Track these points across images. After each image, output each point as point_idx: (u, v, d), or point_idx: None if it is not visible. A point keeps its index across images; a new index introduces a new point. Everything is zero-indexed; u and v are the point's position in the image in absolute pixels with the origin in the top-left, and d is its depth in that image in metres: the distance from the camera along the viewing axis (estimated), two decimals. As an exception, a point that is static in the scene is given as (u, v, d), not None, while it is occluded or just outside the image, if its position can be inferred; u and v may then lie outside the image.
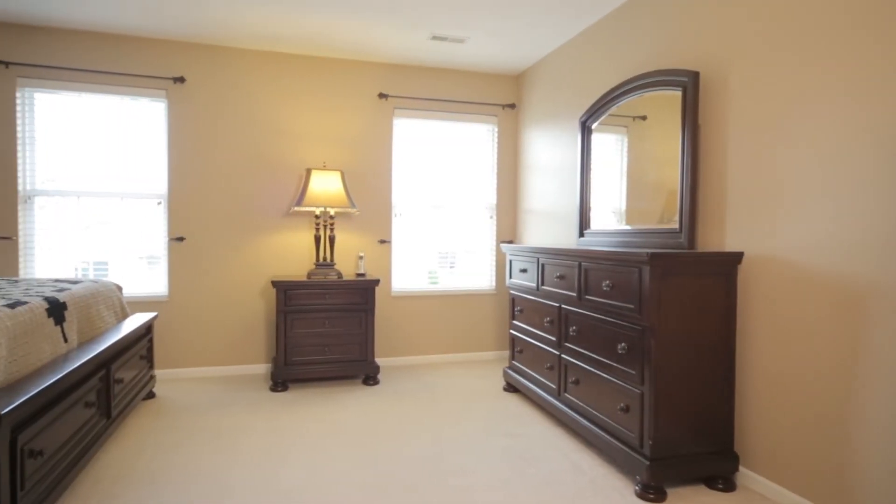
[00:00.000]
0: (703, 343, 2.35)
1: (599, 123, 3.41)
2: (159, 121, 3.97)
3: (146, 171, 3.95)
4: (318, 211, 4.01)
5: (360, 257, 4.13)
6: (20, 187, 3.70)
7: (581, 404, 2.80)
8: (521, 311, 3.56)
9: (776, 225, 2.25)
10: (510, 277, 3.71)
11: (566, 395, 2.96)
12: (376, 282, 3.89)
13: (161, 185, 3.97)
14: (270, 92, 4.16)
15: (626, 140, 3.18)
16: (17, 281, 3.00)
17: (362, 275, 4.07)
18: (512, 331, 3.69)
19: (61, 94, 3.77)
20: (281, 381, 3.73)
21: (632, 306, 2.36)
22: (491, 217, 4.77)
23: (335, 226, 4.21)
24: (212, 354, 4.10)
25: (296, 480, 2.41)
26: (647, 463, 2.26)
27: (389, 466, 2.56)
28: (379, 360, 4.48)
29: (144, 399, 3.50)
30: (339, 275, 3.93)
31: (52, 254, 3.81)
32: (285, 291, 3.72)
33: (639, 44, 3.14)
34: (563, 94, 3.98)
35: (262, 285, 4.20)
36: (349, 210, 3.99)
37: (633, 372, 2.37)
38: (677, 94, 2.70)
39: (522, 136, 4.67)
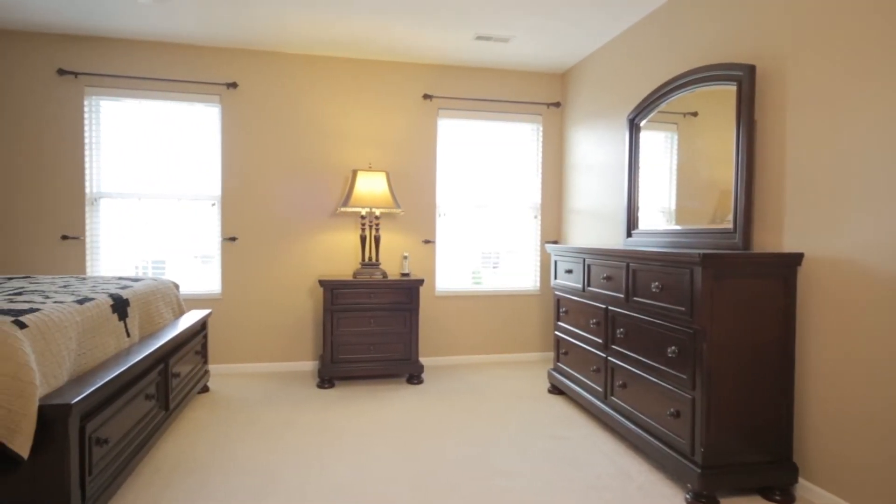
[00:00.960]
0: (759, 347, 2.26)
1: (648, 121, 3.33)
2: (214, 125, 4.12)
3: (202, 173, 4.11)
4: (363, 211, 4.07)
5: (405, 257, 4.17)
6: (87, 190, 3.92)
7: (628, 408, 2.74)
8: (566, 312, 3.52)
9: (841, 225, 2.14)
10: (555, 278, 3.67)
11: (613, 398, 2.90)
12: (420, 281, 3.92)
13: (215, 187, 4.13)
14: (318, 95, 4.26)
15: (675, 137, 3.09)
16: (84, 278, 3.18)
17: (407, 274, 4.11)
18: (557, 332, 3.65)
19: (124, 101, 3.97)
20: (328, 378, 3.81)
21: (682, 309, 2.29)
22: (535, 217, 4.73)
23: (380, 226, 4.26)
24: (262, 351, 4.23)
25: (342, 475, 2.46)
26: (699, 471, 2.19)
27: (433, 465, 2.58)
28: (423, 360, 4.51)
29: (199, 393, 3.64)
30: (384, 274, 3.98)
31: (115, 253, 4.02)
32: (332, 290, 3.79)
33: (689, 39, 3.05)
34: (610, 92, 3.90)
35: (310, 284, 4.30)
36: (394, 210, 4.04)
37: (684, 376, 2.30)
38: (731, 88, 2.60)
39: (567, 135, 4.61)
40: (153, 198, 4.03)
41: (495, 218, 4.64)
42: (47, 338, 1.94)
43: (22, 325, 1.86)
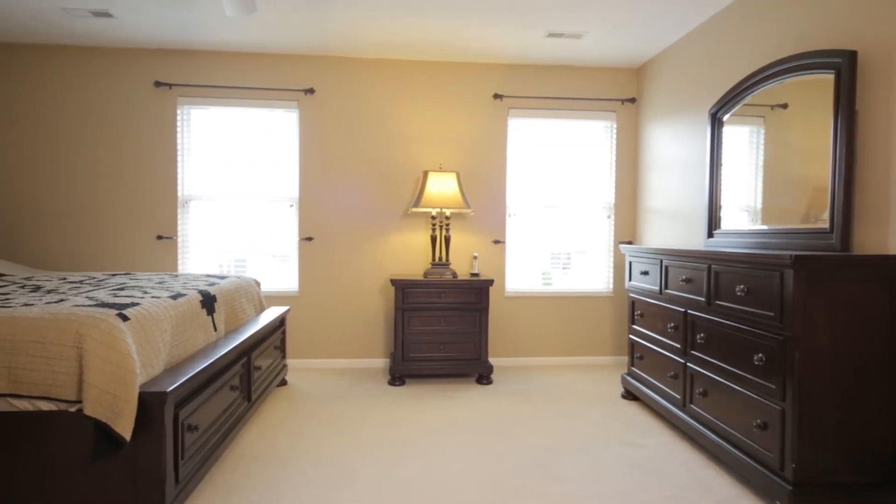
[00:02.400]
0: (862, 359, 2.08)
1: (731, 115, 3.15)
2: (292, 129, 4.31)
3: (281, 176, 4.30)
4: (434, 212, 4.11)
5: (475, 257, 4.18)
6: (179, 193, 4.21)
7: (709, 417, 2.60)
8: (641, 315, 3.40)
9: (957, 224, 1.93)
10: (629, 280, 3.55)
11: (692, 406, 2.77)
12: (490, 282, 3.91)
13: (293, 188, 4.31)
14: (390, 98, 4.35)
15: (761, 131, 2.90)
16: (177, 275, 3.41)
17: (476, 275, 4.11)
18: (631, 336, 3.53)
19: (211, 108, 4.23)
20: (399, 375, 3.88)
21: (771, 314, 2.15)
22: (608, 217, 4.59)
23: (450, 226, 4.30)
24: (336, 347, 4.37)
25: (413, 471, 2.50)
26: (790, 488, 2.04)
27: (503, 466, 2.56)
28: (491, 360, 4.50)
29: (278, 386, 3.81)
30: (454, 274, 4.00)
31: (202, 251, 4.28)
32: (403, 289, 3.86)
33: (776, 26, 2.85)
34: (690, 86, 3.73)
35: (382, 283, 4.40)
36: (464, 211, 4.06)
37: (773, 386, 2.16)
38: (828, 77, 2.41)
39: (643, 132, 4.45)
40: (236, 200, 4.27)
41: (566, 218, 4.55)
42: (146, 330, 2.10)
43: (125, 318, 2.02)
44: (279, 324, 3.75)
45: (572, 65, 4.46)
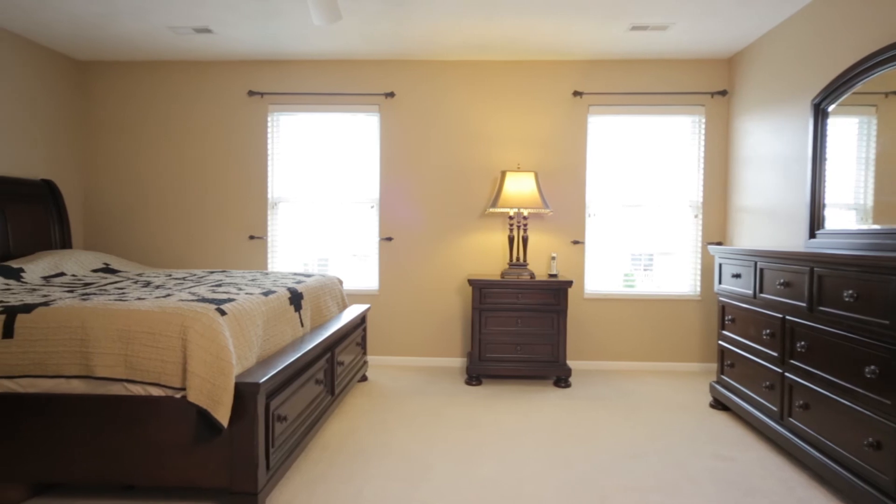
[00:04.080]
0: None
1: (838, 105, 2.90)
2: (373, 133, 4.44)
3: (362, 178, 4.45)
4: (511, 212, 4.09)
5: (553, 258, 4.11)
6: (269, 195, 4.46)
7: (811, 432, 2.41)
8: (732, 320, 3.20)
9: None
10: (719, 283, 3.36)
11: (791, 419, 2.57)
12: (569, 283, 3.83)
13: (374, 190, 4.44)
14: (467, 99, 4.38)
15: (874, 122, 2.65)
16: (267, 273, 3.61)
17: (554, 275, 4.04)
18: (721, 342, 3.34)
19: (297, 114, 4.44)
20: (475, 375, 3.90)
21: (886, 322, 1.96)
22: (696, 216, 4.37)
23: (528, 226, 4.25)
24: (413, 345, 4.46)
25: (490, 471, 2.50)
26: (907, 514, 1.85)
27: (583, 471, 2.50)
28: (569, 363, 4.41)
29: (359, 381, 3.94)
30: (532, 275, 3.96)
31: (288, 250, 4.51)
32: (480, 290, 3.87)
33: (890, 7, 2.59)
34: (789, 75, 3.47)
35: (459, 283, 4.43)
36: (542, 211, 4.00)
37: (888, 402, 1.96)
38: (956, 60, 2.16)
39: (735, 125, 4.19)
40: (320, 201, 4.46)
41: (649, 218, 4.37)
42: (241, 324, 2.24)
43: (223, 313, 2.16)
44: (360, 321, 3.87)
45: (657, 58, 4.28)
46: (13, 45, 3.80)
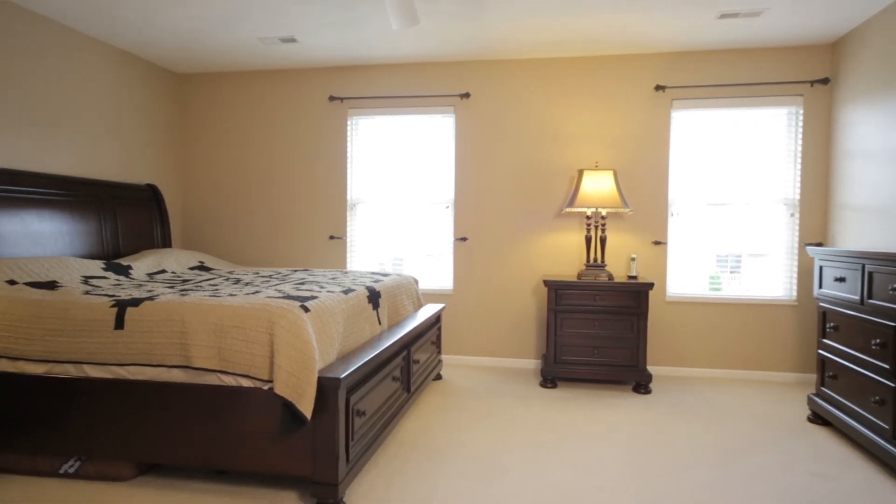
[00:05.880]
0: None
1: (965, 90, 2.59)
2: (448, 134, 4.48)
3: (438, 179, 4.49)
4: (589, 211, 3.99)
5: (633, 259, 3.97)
6: (348, 197, 4.61)
7: (930, 455, 2.17)
8: (835, 328, 2.95)
9: None
10: (819, 287, 3.10)
11: (905, 439, 2.33)
12: (650, 285, 3.68)
13: (449, 190, 4.48)
14: (543, 97, 4.31)
15: None
16: (346, 272, 3.74)
17: (634, 277, 3.90)
18: (821, 351, 3.08)
19: (375, 118, 4.56)
20: (550, 377, 3.83)
21: None
22: (792, 215, 4.06)
23: (606, 226, 4.13)
24: (487, 345, 4.45)
25: (565, 476, 2.44)
26: None
27: (664, 485, 2.39)
28: (650, 368, 4.23)
29: (434, 380, 3.99)
30: (610, 276, 3.84)
31: (365, 250, 4.64)
32: (556, 291, 3.80)
33: None
34: (904, 59, 3.14)
35: (534, 284, 4.38)
36: (621, 210, 3.87)
37: None
38: None
39: (838, 116, 3.85)
40: (396, 202, 4.55)
41: (737, 217, 4.11)
42: (323, 321, 2.33)
43: (306, 310, 2.26)
44: (435, 320, 3.91)
45: (748, 46, 4.01)
46: (122, 62, 4.16)
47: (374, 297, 3.00)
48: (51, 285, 2.70)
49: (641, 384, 3.73)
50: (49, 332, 2.32)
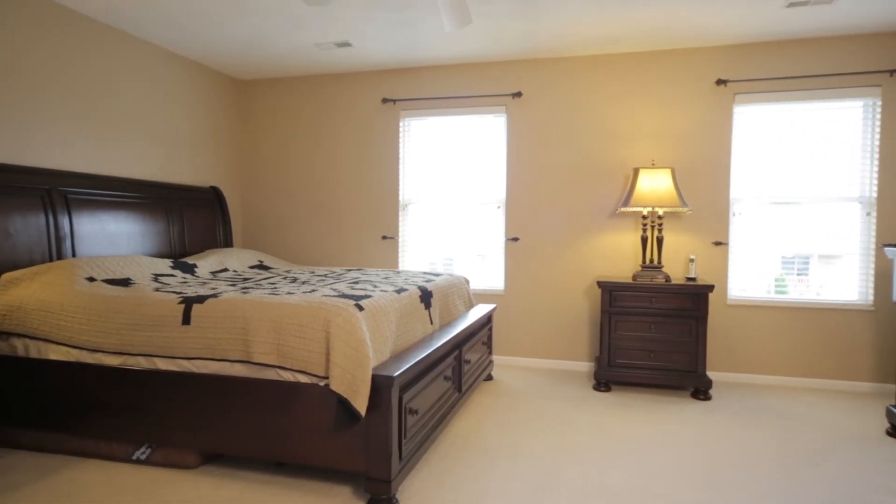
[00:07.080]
0: None
1: None
2: (500, 133, 4.46)
3: (489, 179, 4.48)
4: (645, 211, 3.88)
5: (691, 260, 3.83)
6: (400, 198, 4.67)
7: None
8: (917, 335, 2.74)
9: None
10: (899, 291, 2.90)
11: None
12: (710, 287, 3.54)
13: (500, 191, 4.46)
14: (597, 95, 4.23)
15: None
16: (399, 272, 3.78)
17: (692, 279, 3.76)
18: (901, 360, 2.88)
19: (427, 119, 4.60)
20: (604, 381, 3.75)
21: None
22: (868, 214, 3.81)
23: (663, 226, 4.00)
24: (539, 347, 4.40)
25: (620, 481, 2.39)
26: None
27: (727, 495, 2.30)
28: (709, 374, 4.07)
29: (485, 380, 3.98)
30: (667, 278, 3.72)
31: (416, 250, 4.68)
32: (610, 292, 3.72)
33: None
34: None
35: (587, 285, 4.30)
36: (679, 209, 3.74)
37: None
38: None
39: (921, 108, 3.58)
40: (447, 202, 4.57)
41: (804, 216, 3.90)
42: (377, 319, 2.37)
43: (360, 308, 2.30)
44: (486, 320, 3.91)
45: (818, 36, 3.80)
46: (188, 70, 4.37)
47: (426, 296, 3.03)
48: (125, 282, 2.87)
49: (700, 390, 3.59)
50: (123, 326, 2.46)
